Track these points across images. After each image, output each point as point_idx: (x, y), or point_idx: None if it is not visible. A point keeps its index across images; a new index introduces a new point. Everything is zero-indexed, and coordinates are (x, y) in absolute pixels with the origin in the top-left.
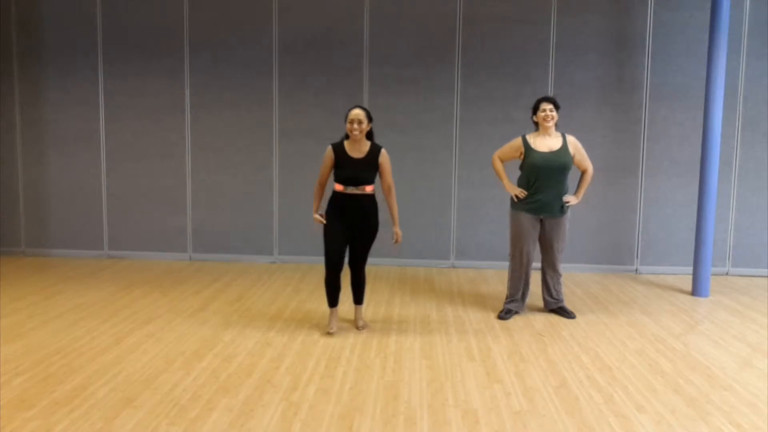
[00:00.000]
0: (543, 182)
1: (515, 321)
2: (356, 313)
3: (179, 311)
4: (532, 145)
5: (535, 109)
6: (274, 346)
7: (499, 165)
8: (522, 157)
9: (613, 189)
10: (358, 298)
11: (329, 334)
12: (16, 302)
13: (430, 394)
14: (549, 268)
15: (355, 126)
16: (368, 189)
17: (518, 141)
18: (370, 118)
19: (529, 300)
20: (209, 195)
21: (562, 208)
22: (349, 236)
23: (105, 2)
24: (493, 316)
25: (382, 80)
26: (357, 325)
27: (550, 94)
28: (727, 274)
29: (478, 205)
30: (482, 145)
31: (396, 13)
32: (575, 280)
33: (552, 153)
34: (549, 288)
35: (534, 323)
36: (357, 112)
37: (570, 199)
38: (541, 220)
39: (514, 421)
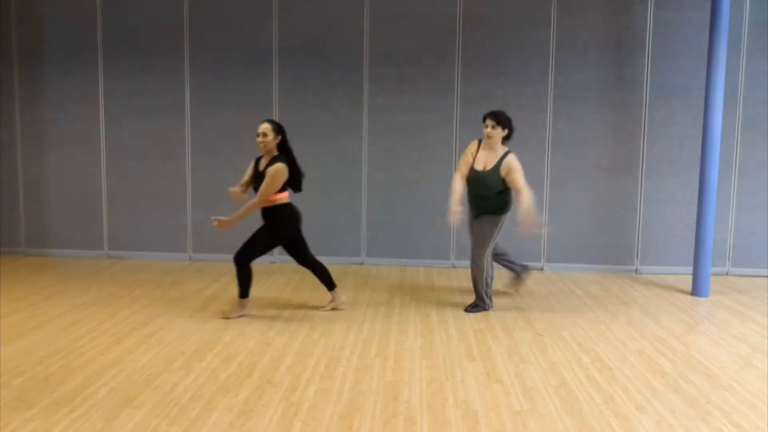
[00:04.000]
0: (471, 196)
1: (515, 321)
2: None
3: (179, 311)
4: (474, 159)
5: (483, 120)
6: (274, 346)
7: (457, 185)
8: (470, 163)
9: (613, 189)
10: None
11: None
12: (16, 302)
13: (430, 394)
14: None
15: (260, 139)
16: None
17: (474, 146)
18: (277, 131)
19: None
20: (209, 195)
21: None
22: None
23: (105, 2)
24: (493, 316)
25: (382, 80)
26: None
27: (550, 93)
28: (727, 274)
29: None
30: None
31: (396, 13)
32: (575, 280)
33: (483, 172)
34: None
35: (534, 323)
36: (263, 126)
37: (522, 221)
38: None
39: (514, 421)
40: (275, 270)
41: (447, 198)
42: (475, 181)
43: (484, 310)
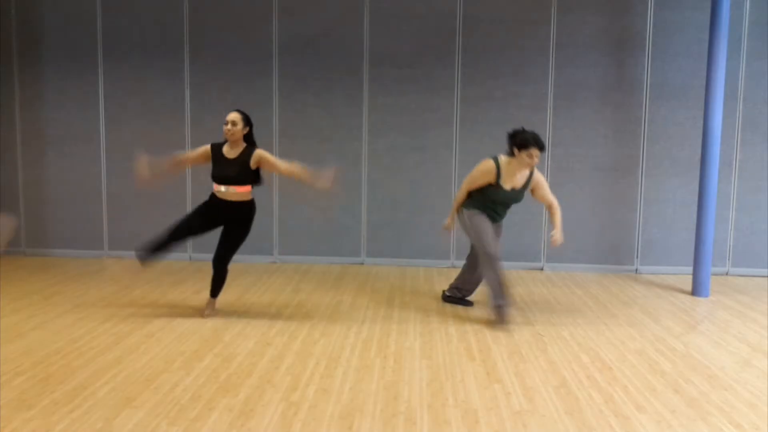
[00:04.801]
0: (494, 212)
1: (515, 321)
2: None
3: (179, 311)
4: (502, 180)
5: (521, 145)
6: (274, 346)
7: (461, 198)
8: (489, 183)
9: (613, 189)
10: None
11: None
12: (16, 302)
13: (430, 394)
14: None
15: (228, 127)
16: (239, 190)
17: (491, 167)
18: (246, 122)
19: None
20: (209, 195)
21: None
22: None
23: (105, 2)
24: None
25: (382, 80)
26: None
27: (550, 92)
28: (727, 274)
29: None
30: (482, 145)
31: (396, 13)
32: (575, 280)
33: (514, 191)
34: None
35: (534, 323)
36: (232, 115)
37: (556, 237)
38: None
39: (514, 421)
40: (275, 270)
41: (447, 198)
42: (505, 199)
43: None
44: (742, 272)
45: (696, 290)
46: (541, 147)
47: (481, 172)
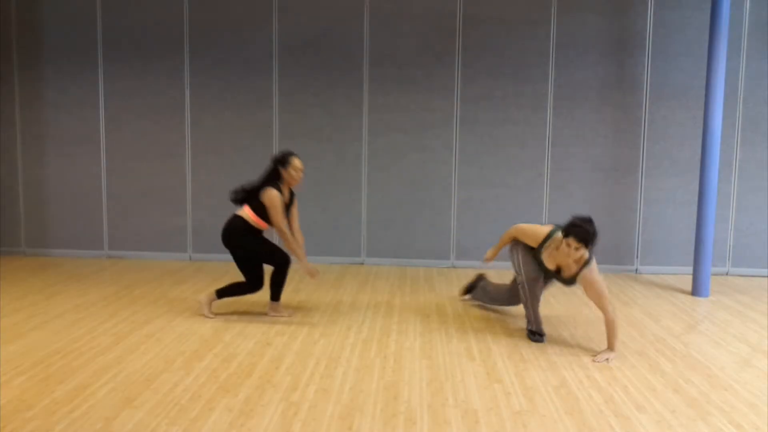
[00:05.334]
0: (543, 273)
1: (515, 321)
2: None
3: (179, 311)
4: (543, 254)
5: (565, 231)
6: (274, 346)
7: (507, 240)
8: (533, 246)
9: (613, 189)
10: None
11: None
12: (16, 302)
13: (430, 394)
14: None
15: (301, 175)
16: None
17: (541, 235)
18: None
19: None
20: (209, 195)
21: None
22: None
23: (105, 2)
24: (492, 316)
25: (382, 80)
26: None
27: (550, 92)
28: (727, 274)
29: (478, 205)
30: (482, 145)
31: (396, 13)
32: None
33: (556, 275)
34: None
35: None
36: (300, 162)
37: (608, 357)
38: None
39: (514, 421)
40: None
41: (447, 198)
42: (547, 274)
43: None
44: (742, 272)
45: (696, 290)
46: (581, 241)
47: (532, 231)
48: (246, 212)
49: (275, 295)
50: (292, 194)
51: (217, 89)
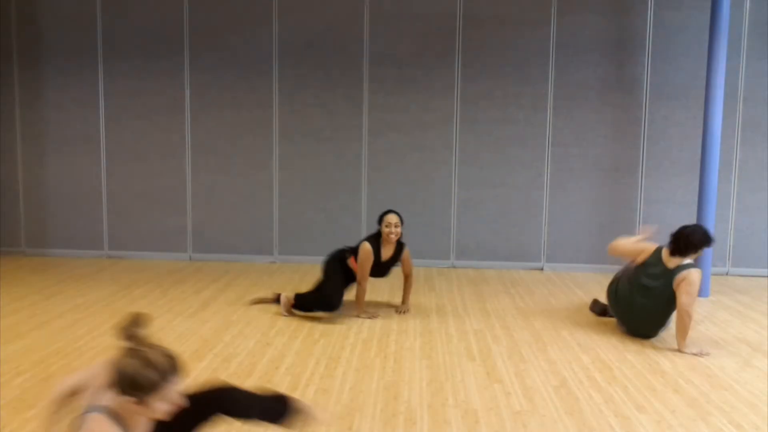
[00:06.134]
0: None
1: (515, 321)
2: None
3: (179, 311)
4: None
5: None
6: (274, 346)
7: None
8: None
9: (613, 189)
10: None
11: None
12: (16, 302)
13: (430, 394)
14: None
15: (398, 230)
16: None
17: (649, 250)
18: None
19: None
20: (209, 195)
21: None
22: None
23: (105, 2)
24: (492, 316)
25: (382, 80)
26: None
27: (550, 92)
28: (727, 274)
29: (478, 205)
30: (482, 145)
31: (396, 13)
32: (575, 280)
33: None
34: None
35: (534, 323)
36: (395, 217)
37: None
38: None
39: (514, 421)
40: (275, 270)
41: (447, 198)
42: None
43: None
44: (742, 272)
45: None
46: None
47: (643, 246)
48: (352, 259)
49: (295, 300)
50: (400, 247)
51: (217, 89)
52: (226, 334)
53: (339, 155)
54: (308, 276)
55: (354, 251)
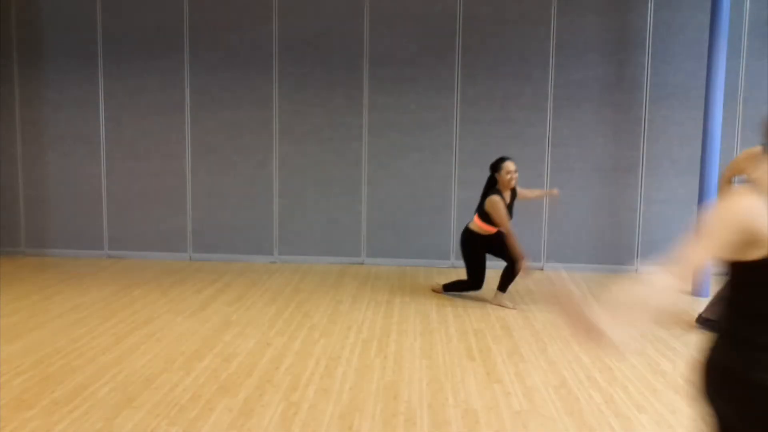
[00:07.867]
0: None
1: (515, 320)
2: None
3: (179, 311)
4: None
5: None
6: (274, 346)
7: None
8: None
9: (613, 189)
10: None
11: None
12: (16, 302)
13: (430, 394)
14: None
15: (517, 175)
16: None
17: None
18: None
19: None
20: (209, 195)
21: None
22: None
23: (105, 2)
24: (492, 316)
25: (382, 80)
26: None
27: (550, 93)
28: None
29: None
30: (482, 145)
31: (396, 13)
32: (575, 280)
33: None
34: None
35: (534, 323)
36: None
37: None
38: None
39: (514, 421)
40: (275, 270)
41: (447, 198)
42: None
43: None
44: None
45: (696, 290)
46: None
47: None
48: (475, 223)
49: (502, 286)
50: (514, 192)
51: (217, 89)
52: (226, 334)
53: (339, 155)
54: (308, 276)
55: (478, 212)
